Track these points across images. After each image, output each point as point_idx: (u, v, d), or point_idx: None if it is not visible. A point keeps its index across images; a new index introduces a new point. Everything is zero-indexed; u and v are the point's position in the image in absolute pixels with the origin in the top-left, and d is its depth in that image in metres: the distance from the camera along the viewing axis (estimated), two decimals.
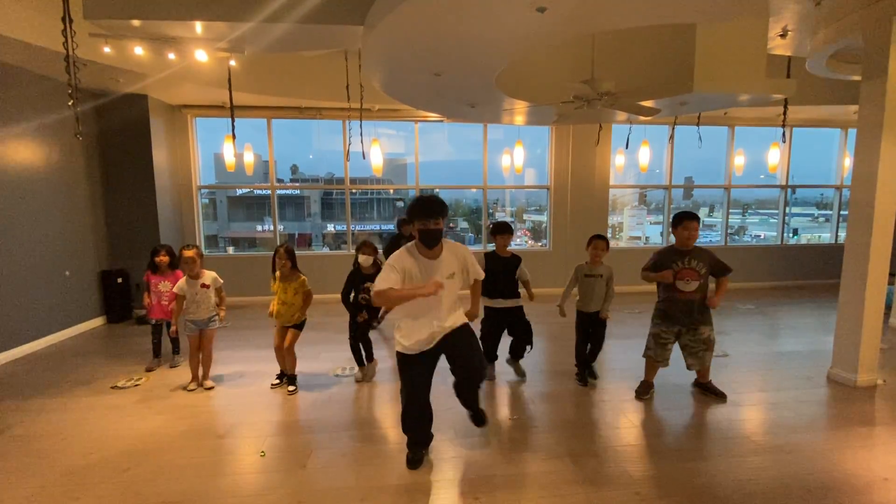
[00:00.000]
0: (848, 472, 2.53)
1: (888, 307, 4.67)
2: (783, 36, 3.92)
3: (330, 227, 8.97)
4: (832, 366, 3.86)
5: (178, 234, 6.68)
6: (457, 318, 2.57)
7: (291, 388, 3.66)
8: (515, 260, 3.71)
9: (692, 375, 3.64)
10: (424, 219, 2.36)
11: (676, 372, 3.70)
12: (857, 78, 3.76)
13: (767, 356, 4.47)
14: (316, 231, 8.98)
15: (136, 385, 3.79)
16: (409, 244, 2.50)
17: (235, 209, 8.69)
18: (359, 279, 3.70)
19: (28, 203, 4.75)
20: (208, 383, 3.75)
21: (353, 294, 3.72)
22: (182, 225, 6.83)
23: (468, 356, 2.54)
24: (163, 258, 4.10)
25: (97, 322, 5.73)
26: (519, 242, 8.56)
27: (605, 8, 2.88)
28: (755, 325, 5.57)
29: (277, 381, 3.75)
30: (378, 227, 8.94)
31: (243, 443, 2.89)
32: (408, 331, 2.50)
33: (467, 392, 2.70)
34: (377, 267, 3.65)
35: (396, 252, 2.46)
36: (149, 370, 4.11)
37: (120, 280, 5.82)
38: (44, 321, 4.92)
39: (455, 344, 2.52)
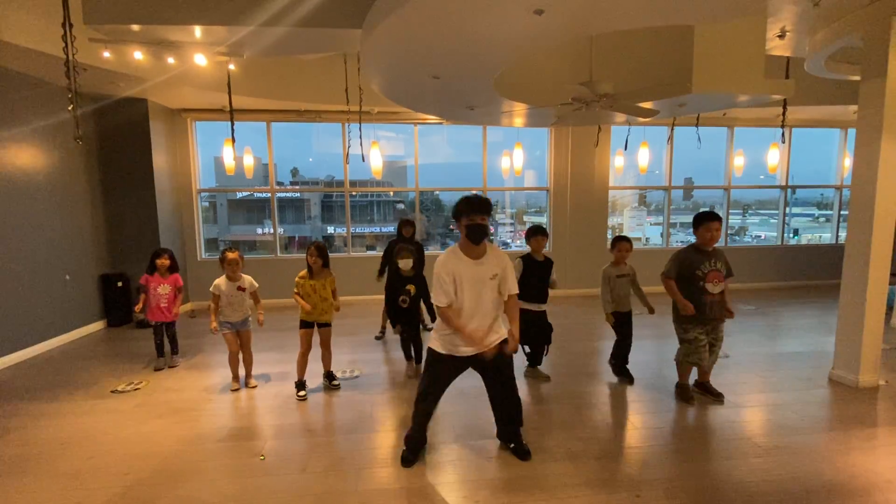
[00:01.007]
0: (850, 473, 2.52)
1: (889, 307, 4.66)
2: (781, 37, 3.92)
3: (330, 230, 8.98)
4: (834, 367, 3.84)
5: (178, 238, 6.69)
6: (496, 335, 2.58)
7: (336, 382, 3.76)
8: (549, 262, 3.71)
9: (692, 376, 3.63)
10: (472, 214, 2.42)
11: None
12: (857, 78, 3.76)
13: (768, 357, 4.45)
14: (316, 234, 8.99)
15: (137, 389, 3.79)
16: (451, 247, 2.55)
17: (235, 212, 8.70)
18: (399, 282, 3.77)
19: (28, 207, 4.76)
20: (252, 382, 3.82)
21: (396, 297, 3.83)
22: (182, 228, 6.84)
23: (504, 386, 2.68)
24: (164, 261, 4.13)
25: (97, 326, 5.73)
26: (519, 244, 8.56)
27: (602, 10, 2.88)
28: (756, 326, 5.56)
29: (303, 392, 3.61)
30: (378, 230, 8.94)
31: (243, 446, 2.88)
32: (444, 330, 2.55)
33: (506, 421, 2.75)
34: (416, 269, 3.79)
35: (441, 258, 2.50)
36: (157, 370, 4.17)
37: (120, 284, 5.82)
38: (44, 325, 4.92)
39: (494, 374, 2.65)
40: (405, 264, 3.71)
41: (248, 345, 3.84)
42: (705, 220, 3.23)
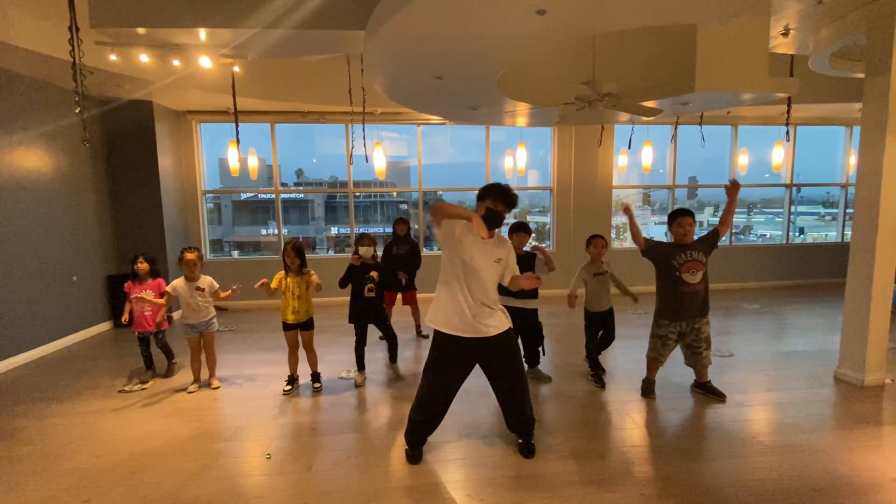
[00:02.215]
0: (855, 472, 2.51)
1: None
2: (785, 34, 3.91)
3: (334, 231, 9.02)
4: (839, 365, 3.83)
5: (183, 239, 6.73)
6: (500, 321, 2.59)
7: (317, 385, 3.77)
8: (530, 258, 3.69)
9: (695, 376, 3.63)
10: (498, 201, 2.52)
11: (681, 372, 3.69)
12: (861, 75, 3.75)
13: (773, 356, 4.44)
14: (320, 234, 9.03)
15: (143, 389, 3.82)
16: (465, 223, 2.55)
17: (240, 213, 8.76)
18: (362, 269, 3.74)
19: (36, 209, 4.81)
20: (215, 383, 3.82)
21: (361, 286, 3.76)
22: (187, 229, 6.89)
23: (510, 380, 2.65)
24: (140, 265, 3.88)
25: (104, 326, 5.78)
26: None
27: (605, 9, 2.89)
28: (761, 325, 5.54)
29: (289, 387, 3.74)
30: (382, 230, 8.97)
31: (249, 445, 2.91)
32: (443, 304, 2.55)
33: (515, 416, 2.73)
34: (376, 258, 3.76)
35: (458, 224, 2.55)
36: (142, 382, 3.90)
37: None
38: (52, 326, 4.97)
39: (498, 363, 2.63)
40: (366, 251, 3.70)
41: (212, 346, 3.80)
42: (677, 217, 3.28)
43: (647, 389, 3.52)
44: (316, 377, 3.82)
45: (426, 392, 2.66)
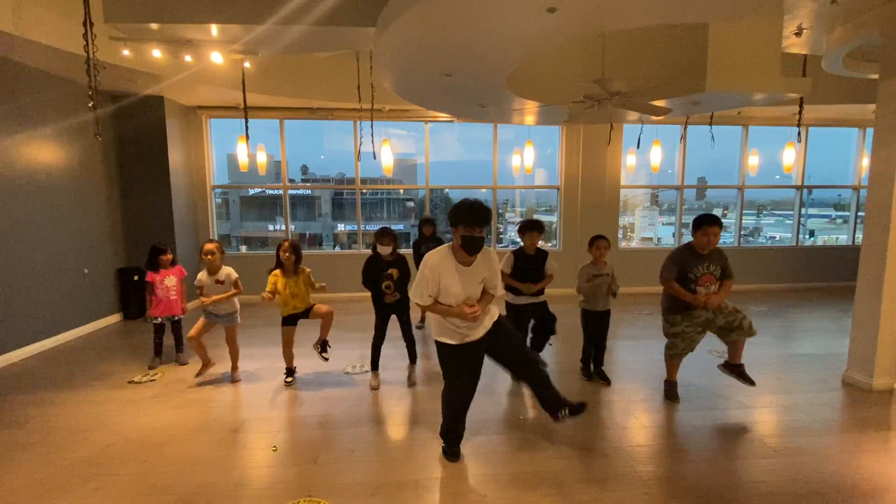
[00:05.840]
0: (862, 476, 2.49)
1: None
2: (798, 34, 3.87)
3: (340, 227, 9.06)
4: (847, 369, 3.80)
5: (192, 233, 6.80)
6: (490, 317, 2.62)
7: (325, 355, 3.85)
8: (543, 255, 3.73)
9: (702, 376, 3.61)
10: (472, 225, 2.31)
11: (687, 372, 3.67)
12: (875, 76, 3.70)
13: (781, 359, 4.41)
14: (326, 231, 9.07)
15: (152, 380, 3.87)
16: (445, 247, 2.51)
17: (248, 209, 8.82)
18: (380, 266, 3.66)
19: (48, 202, 4.88)
20: (237, 375, 3.89)
21: (378, 283, 3.68)
22: (196, 224, 6.95)
23: (514, 348, 2.68)
24: (167, 257, 4.15)
25: (114, 318, 5.85)
26: None
27: (615, 7, 2.87)
28: (769, 328, 5.49)
29: (290, 378, 3.80)
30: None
31: (255, 437, 2.94)
32: (437, 319, 2.59)
33: (539, 386, 2.69)
34: (396, 254, 3.69)
35: (433, 258, 2.45)
36: (151, 368, 4.12)
37: (136, 277, 5.93)
38: (63, 317, 5.05)
39: (498, 343, 2.63)
40: (384, 250, 3.62)
41: (234, 340, 3.89)
42: (705, 224, 3.11)
43: (672, 392, 3.43)
44: (323, 346, 3.81)
45: (449, 394, 2.68)
